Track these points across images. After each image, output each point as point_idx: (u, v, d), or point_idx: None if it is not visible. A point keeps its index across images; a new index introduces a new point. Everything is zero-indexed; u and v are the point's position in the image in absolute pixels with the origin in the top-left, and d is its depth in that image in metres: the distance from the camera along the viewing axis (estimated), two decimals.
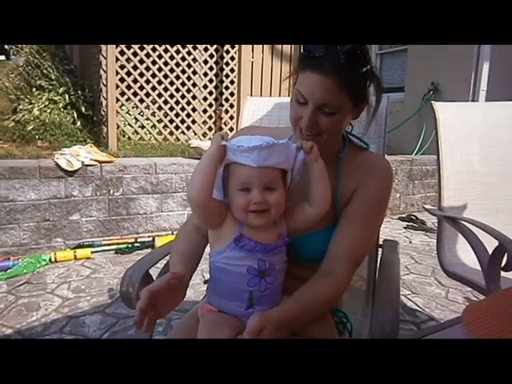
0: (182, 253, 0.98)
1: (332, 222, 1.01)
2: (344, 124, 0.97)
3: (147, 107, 4.93)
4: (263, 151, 0.85)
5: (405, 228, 4.02)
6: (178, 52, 4.92)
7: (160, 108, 4.97)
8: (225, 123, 5.35)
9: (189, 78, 5.04)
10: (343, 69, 0.88)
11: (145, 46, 4.71)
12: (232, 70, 5.23)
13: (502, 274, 1.37)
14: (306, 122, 0.92)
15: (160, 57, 4.83)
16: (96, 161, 3.13)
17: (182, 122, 5.07)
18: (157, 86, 4.87)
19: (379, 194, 1.02)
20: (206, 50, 5.10)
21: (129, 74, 4.72)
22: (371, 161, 1.05)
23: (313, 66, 0.89)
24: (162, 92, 4.91)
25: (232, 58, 5.21)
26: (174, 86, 4.96)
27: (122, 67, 4.67)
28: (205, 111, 5.22)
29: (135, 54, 4.71)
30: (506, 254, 1.33)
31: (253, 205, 0.87)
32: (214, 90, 5.23)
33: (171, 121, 5.02)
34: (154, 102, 4.93)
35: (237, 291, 0.91)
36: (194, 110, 5.13)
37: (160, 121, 4.99)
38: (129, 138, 4.81)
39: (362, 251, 1.01)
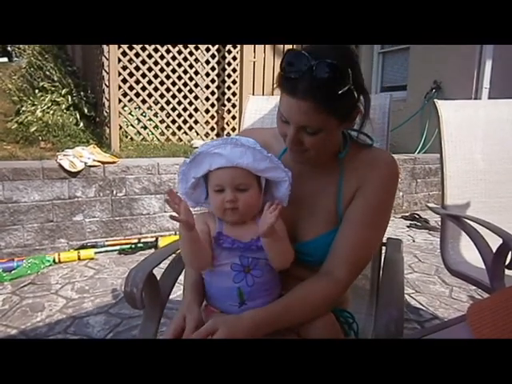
0: (192, 285, 1.00)
1: (335, 225, 0.98)
2: (332, 138, 0.94)
3: (149, 108, 4.94)
4: (236, 148, 0.89)
5: (408, 227, 4.01)
6: (179, 52, 4.93)
7: (162, 109, 4.98)
8: (227, 123, 5.35)
9: (191, 79, 5.05)
10: (319, 91, 0.83)
11: (147, 46, 4.72)
12: (234, 70, 5.23)
13: (506, 272, 1.36)
14: (289, 141, 0.91)
15: (162, 57, 4.84)
16: (99, 162, 3.14)
17: (185, 122, 5.08)
18: (159, 86, 4.88)
19: (382, 193, 0.97)
20: (207, 50, 5.10)
21: (131, 74, 4.73)
22: (373, 157, 1.00)
23: (288, 88, 0.86)
24: (164, 92, 4.92)
25: (234, 58, 5.21)
26: (176, 87, 4.97)
27: (125, 68, 4.68)
28: (207, 111, 5.22)
29: (137, 55, 4.72)
30: (510, 252, 1.33)
31: (226, 203, 0.90)
32: (216, 90, 5.24)
33: (173, 121, 5.03)
34: (156, 102, 4.94)
35: (225, 290, 0.92)
36: (196, 110, 5.13)
37: (162, 121, 5.00)
38: (131, 138, 4.82)
39: (363, 254, 0.97)
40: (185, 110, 5.06)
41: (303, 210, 1.00)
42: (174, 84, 4.96)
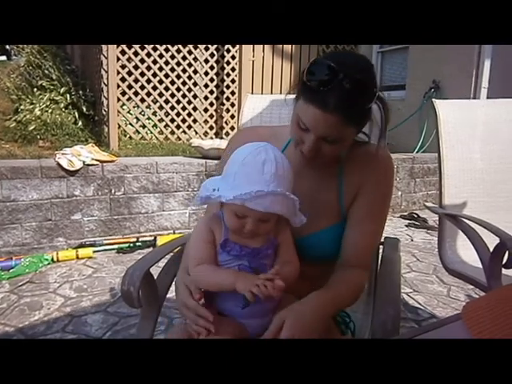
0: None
1: (338, 219, 1.02)
2: (348, 145, 0.96)
3: (148, 107, 4.94)
4: (276, 197, 0.84)
5: (406, 226, 4.01)
6: (178, 51, 4.92)
7: (161, 107, 4.97)
8: (226, 122, 5.35)
9: (190, 77, 5.04)
10: (347, 106, 0.84)
11: (145, 45, 4.71)
12: (233, 69, 5.23)
13: (503, 271, 1.37)
14: (307, 149, 0.91)
15: (161, 56, 4.84)
16: (97, 160, 3.13)
17: (183, 121, 5.07)
18: (158, 85, 4.88)
19: (383, 187, 1.03)
20: (206, 49, 5.10)
21: (130, 73, 4.72)
22: (372, 154, 1.03)
23: (316, 100, 0.85)
24: (163, 91, 4.92)
25: (233, 57, 5.21)
26: (175, 85, 4.97)
27: (123, 67, 4.68)
28: (206, 110, 5.22)
29: (136, 54, 4.72)
30: (506, 252, 1.33)
31: (246, 230, 0.87)
32: (214, 89, 5.24)
33: (172, 120, 5.03)
34: (155, 101, 4.93)
35: (231, 291, 0.90)
36: (195, 109, 5.13)
37: (161, 120, 5.00)
38: (130, 137, 4.82)
39: (374, 244, 1.06)
40: (183, 108, 5.06)
41: (305, 204, 1.01)
42: (172, 83, 4.95)
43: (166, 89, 4.93)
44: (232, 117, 5.35)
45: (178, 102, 5.02)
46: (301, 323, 0.82)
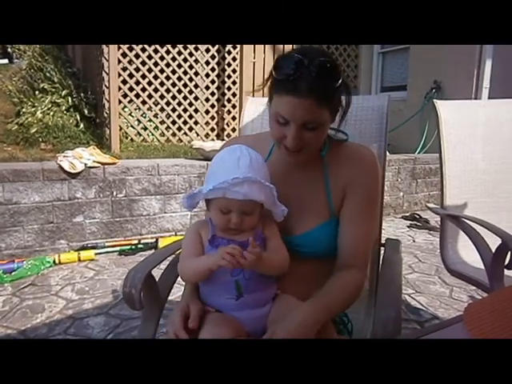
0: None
1: (327, 217, 1.03)
2: (325, 132, 0.99)
3: (149, 109, 4.94)
4: (253, 185, 0.90)
5: (408, 227, 4.01)
6: (179, 53, 4.93)
7: (162, 109, 4.98)
8: (227, 124, 5.35)
9: (191, 80, 5.05)
10: (318, 87, 0.89)
11: (146, 47, 4.72)
12: (234, 71, 5.23)
13: (505, 272, 1.36)
14: (291, 141, 0.93)
15: (162, 58, 4.85)
16: (99, 163, 3.14)
17: (185, 123, 5.08)
18: (159, 87, 4.89)
19: (371, 185, 1.05)
20: (207, 51, 5.10)
21: (131, 75, 4.73)
22: (355, 153, 1.06)
23: (288, 89, 0.90)
24: (164, 93, 4.93)
25: (234, 59, 5.22)
26: (176, 88, 4.98)
27: (125, 69, 4.68)
28: (207, 112, 5.23)
29: (137, 56, 4.72)
30: (509, 253, 1.33)
31: (231, 224, 0.93)
32: (216, 91, 5.24)
33: (173, 122, 5.03)
34: (156, 103, 4.94)
35: (223, 284, 0.93)
36: (196, 111, 5.14)
37: (162, 122, 5.00)
38: (131, 139, 4.82)
39: (370, 241, 1.07)
40: (185, 110, 5.06)
41: (294, 206, 1.03)
42: (173, 85, 4.96)
43: (168, 91, 4.94)
44: (233, 118, 5.35)
45: (180, 103, 5.03)
46: (292, 336, 0.83)
